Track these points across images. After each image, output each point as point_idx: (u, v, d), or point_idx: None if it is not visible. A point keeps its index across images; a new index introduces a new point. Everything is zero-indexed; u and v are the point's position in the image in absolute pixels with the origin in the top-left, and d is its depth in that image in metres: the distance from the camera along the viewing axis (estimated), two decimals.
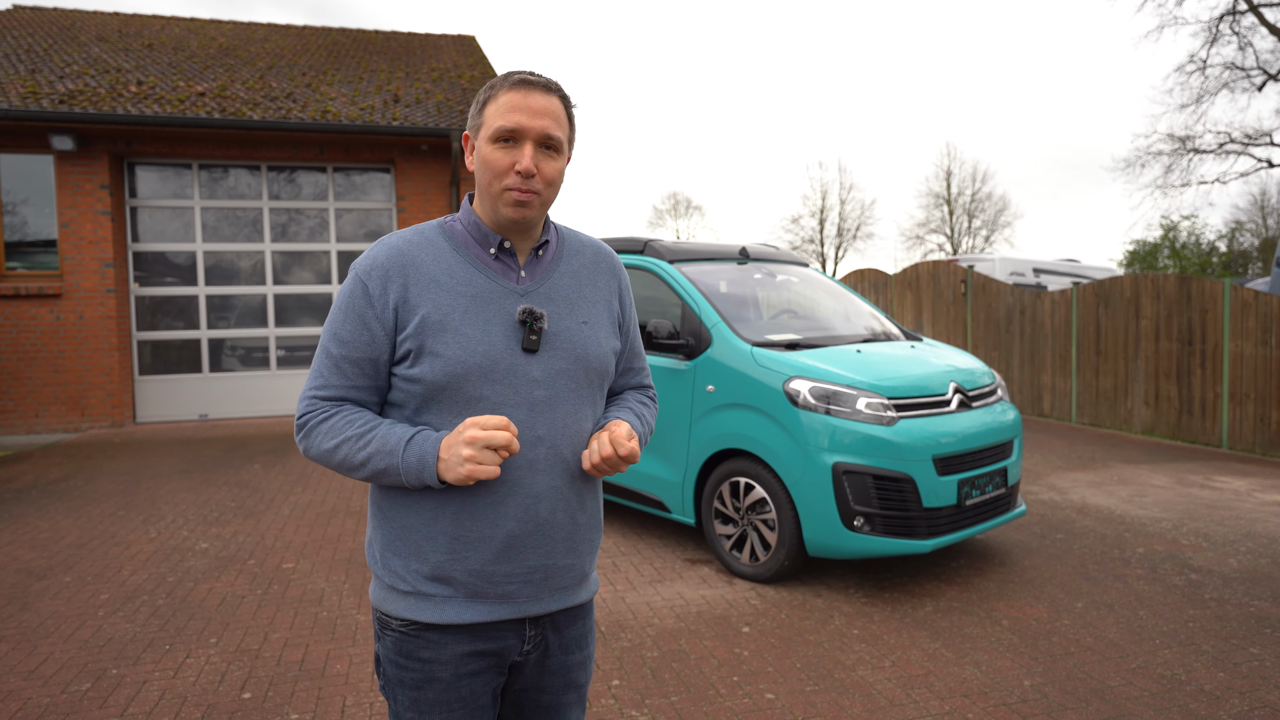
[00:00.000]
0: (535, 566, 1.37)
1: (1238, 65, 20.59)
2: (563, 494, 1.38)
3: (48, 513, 5.60)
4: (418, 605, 1.35)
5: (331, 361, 1.35)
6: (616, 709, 2.93)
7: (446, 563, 1.33)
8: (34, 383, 8.94)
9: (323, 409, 1.35)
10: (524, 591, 1.37)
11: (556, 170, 1.36)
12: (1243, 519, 5.46)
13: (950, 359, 4.72)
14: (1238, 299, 7.94)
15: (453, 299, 1.34)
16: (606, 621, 3.73)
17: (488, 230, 1.40)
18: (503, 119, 1.32)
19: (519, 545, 1.35)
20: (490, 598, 1.36)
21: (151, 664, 3.27)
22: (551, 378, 1.37)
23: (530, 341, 1.34)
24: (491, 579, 1.34)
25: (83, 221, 9.03)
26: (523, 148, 1.32)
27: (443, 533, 1.33)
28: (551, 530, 1.37)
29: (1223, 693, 3.06)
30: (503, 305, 1.36)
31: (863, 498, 3.90)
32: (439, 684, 1.35)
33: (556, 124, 1.34)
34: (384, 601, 1.38)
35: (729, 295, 4.95)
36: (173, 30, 12.92)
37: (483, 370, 1.32)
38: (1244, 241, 35.48)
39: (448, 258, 1.37)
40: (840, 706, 2.94)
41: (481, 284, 1.36)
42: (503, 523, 1.33)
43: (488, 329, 1.33)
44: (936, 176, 46.35)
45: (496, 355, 1.33)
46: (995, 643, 3.50)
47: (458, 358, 1.31)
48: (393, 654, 1.37)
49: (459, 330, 1.32)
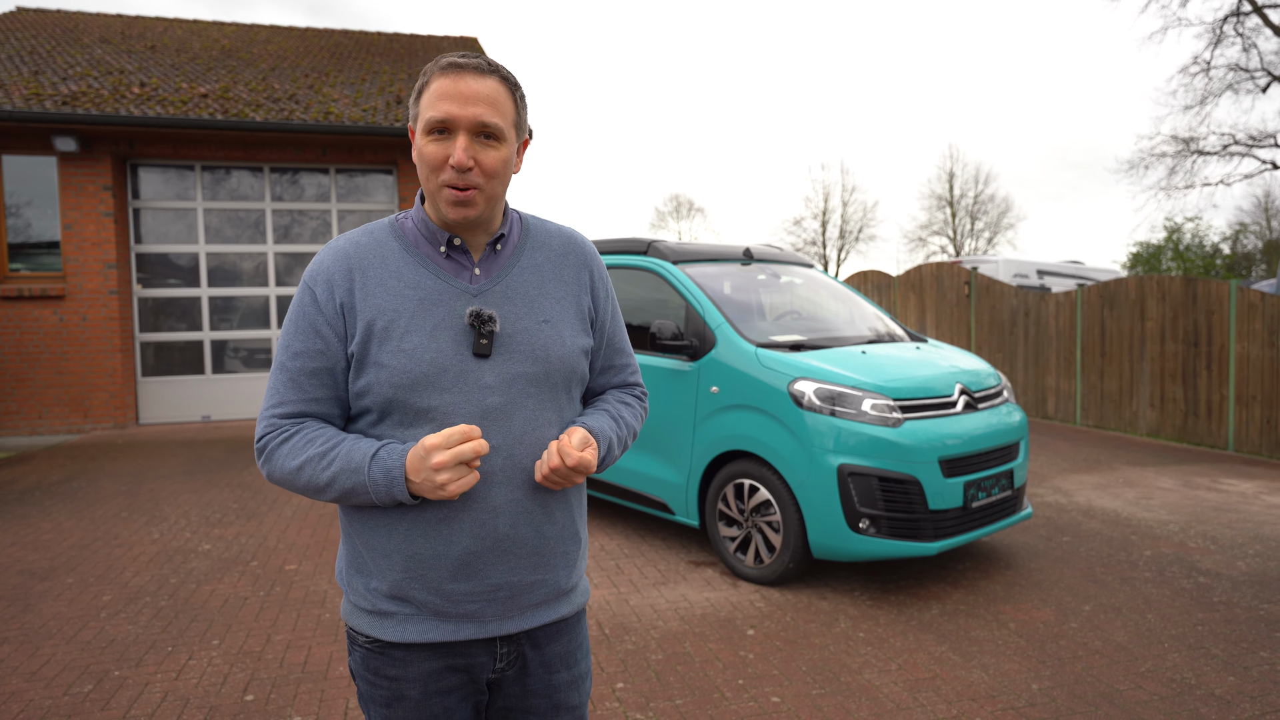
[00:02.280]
0: (498, 584, 1.29)
1: (1242, 67, 20.56)
2: (524, 506, 1.29)
3: (50, 514, 5.59)
4: (380, 623, 1.30)
5: (287, 376, 1.27)
6: (621, 712, 2.91)
7: (403, 581, 1.27)
8: (37, 384, 8.94)
9: (282, 428, 1.27)
10: (489, 610, 1.29)
11: (498, 160, 1.25)
12: (1250, 521, 5.43)
13: (956, 360, 4.70)
14: (1244, 301, 7.91)
15: (399, 303, 1.26)
16: (610, 624, 3.71)
17: (436, 228, 1.31)
18: (433, 109, 1.22)
19: (477, 563, 1.27)
20: (453, 617, 1.29)
21: (154, 666, 3.26)
22: (506, 383, 1.28)
23: (480, 345, 1.26)
24: (451, 598, 1.27)
25: (86, 223, 9.03)
26: (456, 139, 1.22)
27: (397, 550, 1.26)
28: (513, 546, 1.29)
29: (1233, 697, 3.03)
30: (452, 307, 1.28)
31: (868, 500, 3.88)
32: (408, 702, 1.30)
33: (493, 109, 1.23)
34: (350, 617, 1.34)
35: (733, 296, 4.93)
36: (175, 32, 12.93)
37: (429, 379, 1.24)
38: (1248, 243, 35.42)
39: (396, 259, 1.29)
40: (846, 710, 2.92)
41: (430, 285, 1.28)
42: (458, 539, 1.25)
43: (435, 334, 1.25)
44: (939, 178, 46.31)
45: (444, 362, 1.24)
46: (1002, 646, 3.48)
47: (403, 367, 1.23)
48: (362, 670, 1.33)
49: (404, 337, 1.24)
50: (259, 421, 1.29)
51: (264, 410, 1.29)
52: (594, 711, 2.92)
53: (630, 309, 5.13)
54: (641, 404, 1.55)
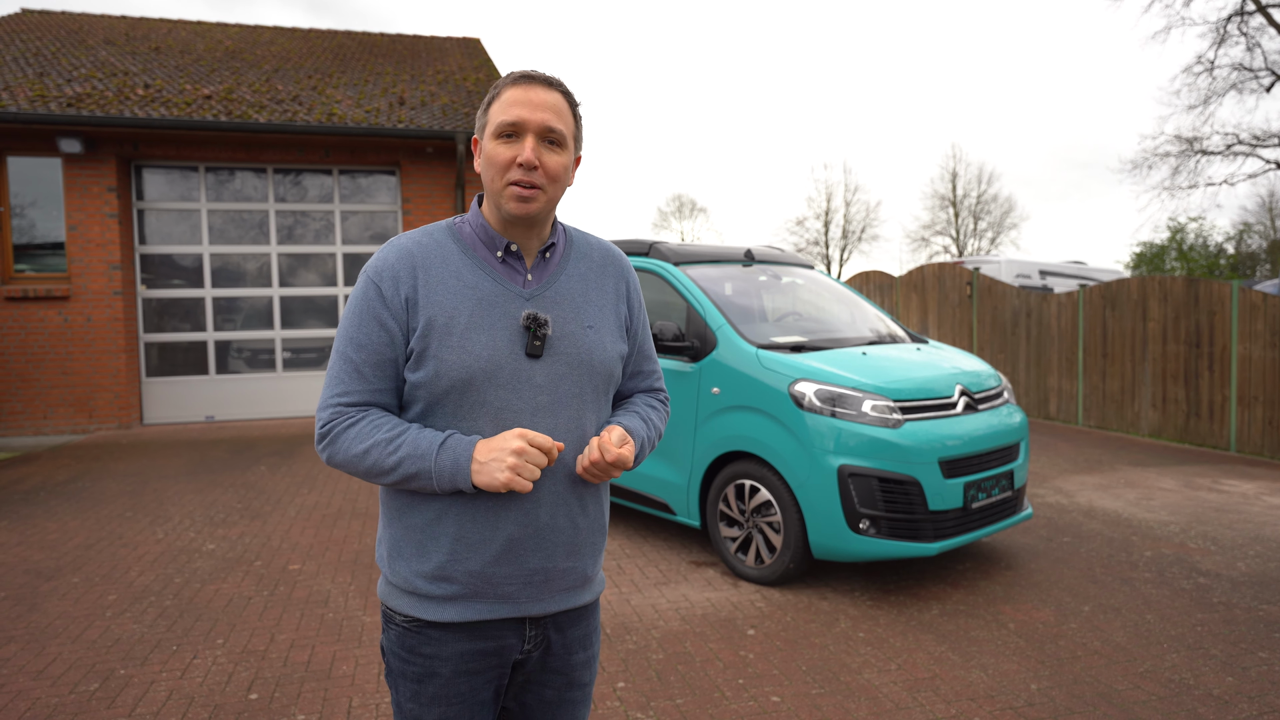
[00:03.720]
0: (535, 569, 1.38)
1: (1246, 66, 20.52)
2: (563, 498, 1.39)
3: (55, 514, 5.62)
4: (420, 604, 1.37)
5: (352, 367, 1.34)
6: (622, 711, 2.93)
7: (448, 563, 1.35)
8: (42, 384, 8.98)
9: (347, 415, 1.34)
10: (524, 593, 1.39)
11: (559, 164, 1.36)
12: (1251, 522, 5.44)
13: (956, 361, 4.71)
14: (1246, 301, 7.91)
15: (459, 302, 1.34)
16: (612, 624, 3.73)
17: (494, 233, 1.40)
18: (504, 113, 1.33)
19: (518, 548, 1.36)
20: (490, 598, 1.37)
21: (159, 664, 3.28)
22: (554, 383, 1.37)
23: (534, 347, 1.35)
24: (491, 580, 1.36)
25: (90, 224, 9.07)
26: (524, 141, 1.33)
27: (446, 534, 1.35)
28: (552, 534, 1.38)
29: (1231, 697, 3.04)
30: (508, 309, 1.36)
31: (868, 500, 3.89)
32: (439, 679, 1.37)
33: (558, 117, 1.35)
34: (389, 597, 1.42)
35: (734, 297, 4.95)
36: (179, 33, 12.97)
37: (487, 374, 1.33)
38: (1252, 243, 35.34)
39: (456, 260, 1.38)
40: (846, 710, 2.94)
41: (488, 287, 1.37)
42: (503, 526, 1.34)
43: (493, 333, 1.34)
44: (942, 178, 46.31)
45: (501, 360, 1.33)
46: (1002, 646, 3.49)
47: (462, 362, 1.32)
48: (396, 647, 1.40)
49: (464, 334, 1.32)
50: (321, 409, 1.36)
51: (327, 398, 1.35)
52: (595, 710, 2.94)
53: None
54: (665, 408, 1.66)
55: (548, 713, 1.49)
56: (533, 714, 1.49)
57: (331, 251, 10.20)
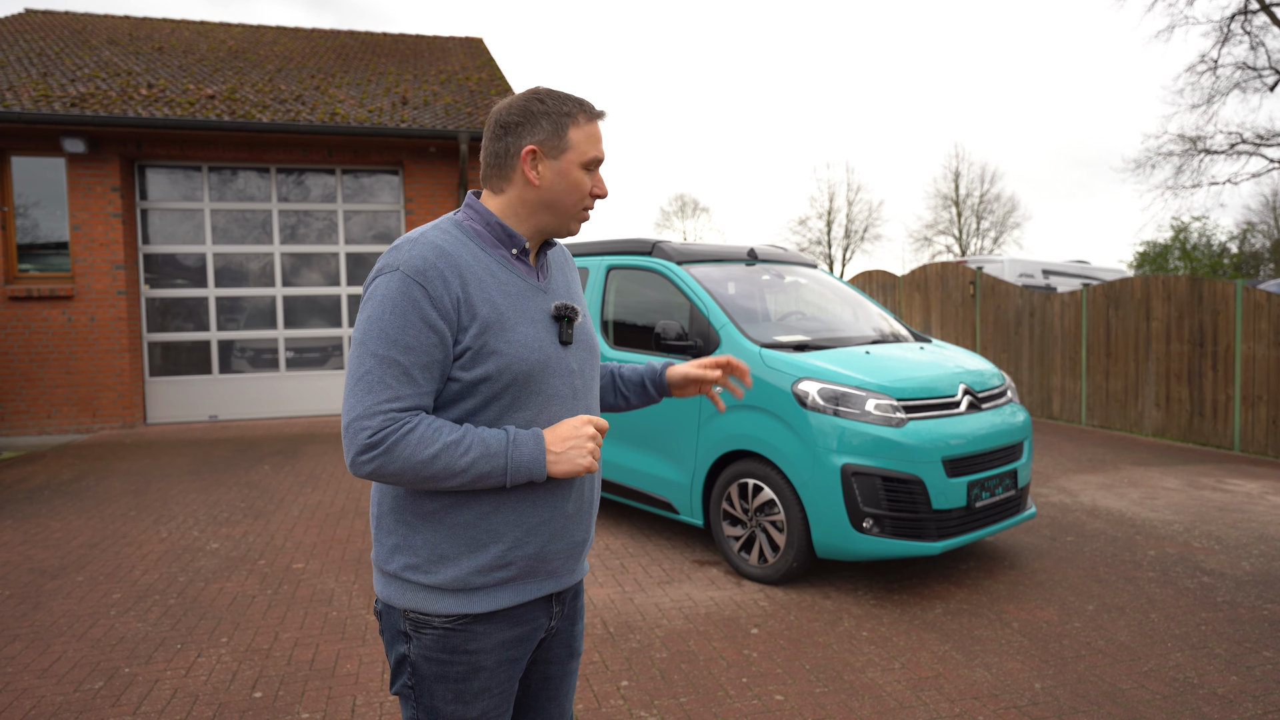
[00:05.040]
0: (577, 541, 1.49)
1: (1249, 65, 20.47)
2: (593, 475, 1.53)
3: (60, 513, 5.64)
4: (469, 599, 1.37)
5: (400, 370, 1.29)
6: (626, 709, 2.93)
7: (508, 551, 1.39)
8: (46, 384, 9.00)
9: (403, 421, 1.28)
10: (565, 566, 1.48)
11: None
12: (1255, 522, 5.43)
13: (960, 360, 4.71)
14: (1249, 301, 7.89)
15: (501, 298, 1.39)
16: (615, 622, 3.73)
17: (514, 232, 1.45)
18: (595, 150, 1.45)
19: (571, 524, 1.46)
20: (539, 575, 1.44)
21: (163, 663, 3.29)
22: (582, 367, 1.50)
23: (567, 334, 1.45)
24: (545, 558, 1.43)
25: (94, 224, 9.09)
26: (597, 174, 1.47)
27: (505, 522, 1.39)
28: (589, 507, 1.52)
29: (1236, 696, 3.04)
30: (536, 302, 1.45)
31: (872, 499, 3.89)
32: (484, 673, 1.39)
33: None
34: (425, 603, 1.36)
35: (737, 296, 4.95)
36: (183, 33, 13.00)
37: (541, 365, 1.40)
38: (1255, 243, 35.26)
39: (483, 259, 1.41)
40: (850, 708, 2.94)
41: (517, 284, 1.44)
42: (561, 505, 1.43)
43: (534, 327, 1.41)
44: (945, 177, 46.29)
45: (547, 350, 1.42)
46: (1005, 645, 3.49)
47: (519, 355, 1.37)
48: (434, 652, 1.36)
49: (514, 328, 1.38)
50: (367, 417, 1.27)
51: (373, 404, 1.27)
52: (599, 709, 2.94)
53: (635, 309, 5.15)
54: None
55: (548, 687, 1.55)
56: (537, 693, 1.54)
57: (334, 251, 10.22)
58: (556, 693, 1.56)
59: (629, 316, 5.18)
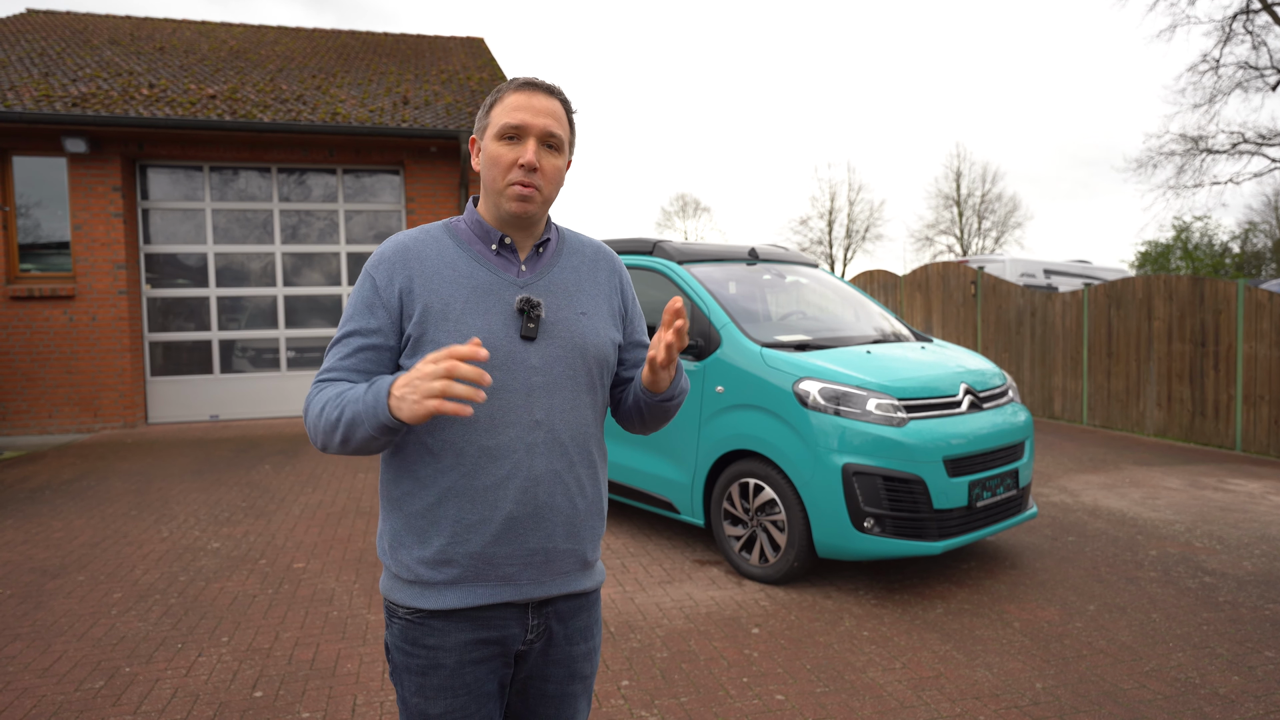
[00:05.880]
0: (535, 549, 1.40)
1: (1251, 64, 20.43)
2: (561, 478, 1.41)
3: (61, 512, 5.64)
4: (423, 593, 1.39)
5: (339, 349, 1.40)
6: (626, 709, 2.93)
7: (448, 546, 1.37)
8: (47, 384, 9.01)
9: (319, 387, 1.38)
10: (525, 574, 1.40)
11: (556, 168, 1.43)
12: (1257, 522, 5.42)
13: (961, 360, 4.71)
14: (1251, 300, 7.88)
15: (454, 290, 1.39)
16: (616, 622, 3.73)
17: (489, 227, 1.46)
18: (508, 116, 1.39)
19: (518, 528, 1.38)
20: (491, 580, 1.39)
21: (164, 662, 3.29)
22: (549, 365, 1.41)
23: (528, 329, 1.39)
24: (492, 561, 1.38)
25: (95, 223, 9.09)
26: (526, 144, 1.39)
27: (446, 517, 1.37)
28: (550, 514, 1.40)
29: (1237, 696, 3.03)
30: (503, 296, 1.41)
31: (873, 499, 3.89)
32: (443, 670, 1.38)
33: (558, 123, 1.42)
34: (391, 590, 1.43)
35: (738, 296, 4.95)
36: (184, 33, 13.00)
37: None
38: (1257, 242, 35.22)
39: (451, 253, 1.43)
40: (851, 708, 2.93)
41: (483, 277, 1.42)
42: (502, 505, 1.37)
43: (488, 318, 1.38)
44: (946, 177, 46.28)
45: (496, 342, 1.37)
46: (1006, 645, 3.48)
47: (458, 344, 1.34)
48: (399, 641, 1.42)
49: (460, 319, 1.37)
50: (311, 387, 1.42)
51: (314, 378, 1.43)
52: (599, 709, 2.94)
53: None
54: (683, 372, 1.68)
55: (550, 707, 1.50)
56: (535, 709, 1.50)
57: (336, 251, 10.22)
58: (557, 714, 1.51)
59: None
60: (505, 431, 1.37)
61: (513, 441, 1.37)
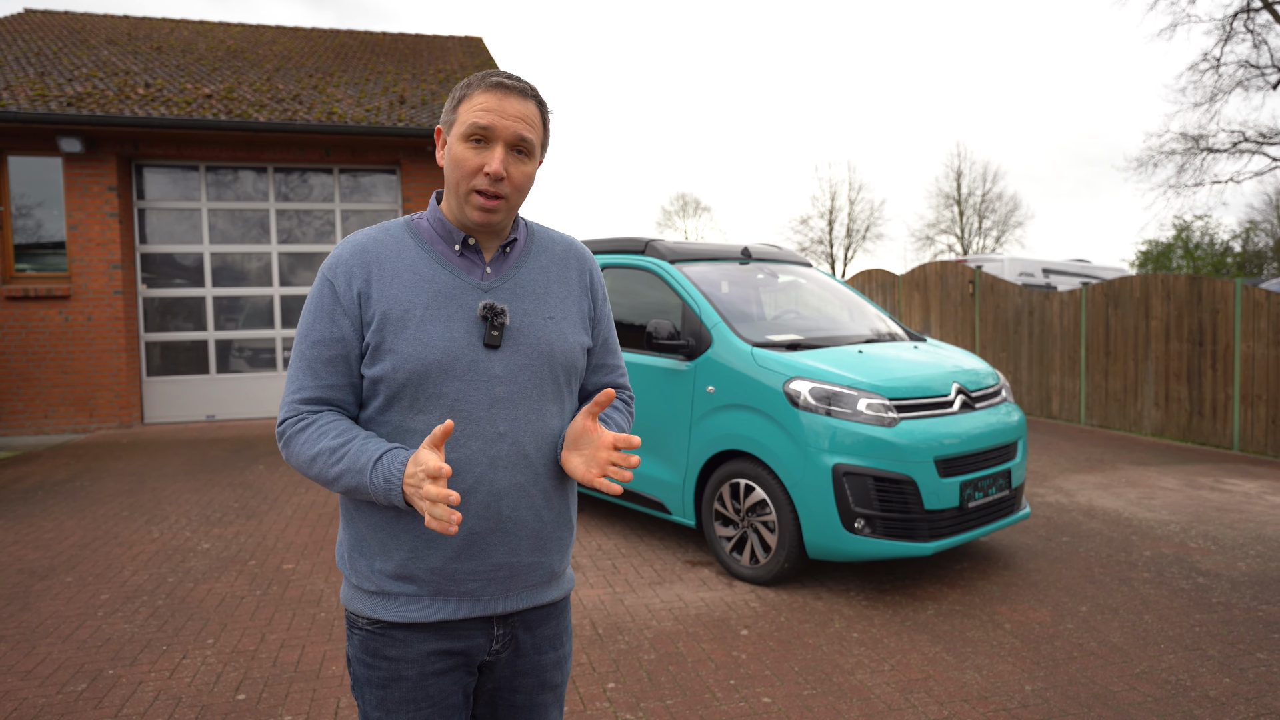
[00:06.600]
0: (499, 564, 1.36)
1: (1252, 63, 20.38)
2: (526, 491, 1.36)
3: (52, 513, 5.63)
4: (382, 604, 1.35)
5: (306, 364, 1.33)
6: (611, 712, 2.91)
7: (409, 561, 1.33)
8: (43, 384, 9.00)
9: (301, 415, 1.33)
10: (488, 589, 1.36)
11: (525, 175, 1.35)
12: (1253, 522, 5.39)
13: (954, 359, 4.68)
14: (1249, 299, 7.85)
15: (414, 295, 1.33)
16: (605, 624, 3.71)
17: (452, 227, 1.39)
18: (476, 116, 1.31)
19: (480, 543, 1.33)
20: (454, 595, 1.35)
21: (148, 664, 3.27)
22: (514, 373, 1.35)
23: (492, 337, 1.33)
24: (454, 577, 1.33)
25: (91, 223, 9.08)
26: (494, 149, 1.31)
27: (406, 530, 1.33)
28: (514, 528, 1.35)
29: (1228, 699, 3.01)
30: (465, 301, 1.35)
31: (863, 499, 3.86)
32: (405, 683, 1.34)
33: (530, 128, 1.34)
34: (351, 600, 1.39)
35: (730, 295, 4.92)
36: (182, 33, 12.99)
37: (443, 366, 1.31)
38: (1259, 241, 35.13)
39: (411, 254, 1.36)
40: (837, 711, 2.91)
41: (444, 280, 1.35)
42: (464, 520, 1.31)
43: (449, 325, 1.32)
44: (947, 176, 46.22)
45: (458, 351, 1.31)
46: (997, 647, 3.46)
47: (417, 354, 1.30)
48: (360, 652, 1.37)
49: (419, 326, 1.31)
50: (281, 408, 1.35)
51: (285, 397, 1.35)
52: (584, 711, 2.92)
53: (628, 308, 5.12)
54: (629, 408, 1.62)
55: (519, 718, 1.46)
56: (503, 718, 1.46)
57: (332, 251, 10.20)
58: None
59: (622, 315, 5.15)
60: (467, 445, 1.31)
61: (474, 455, 1.31)
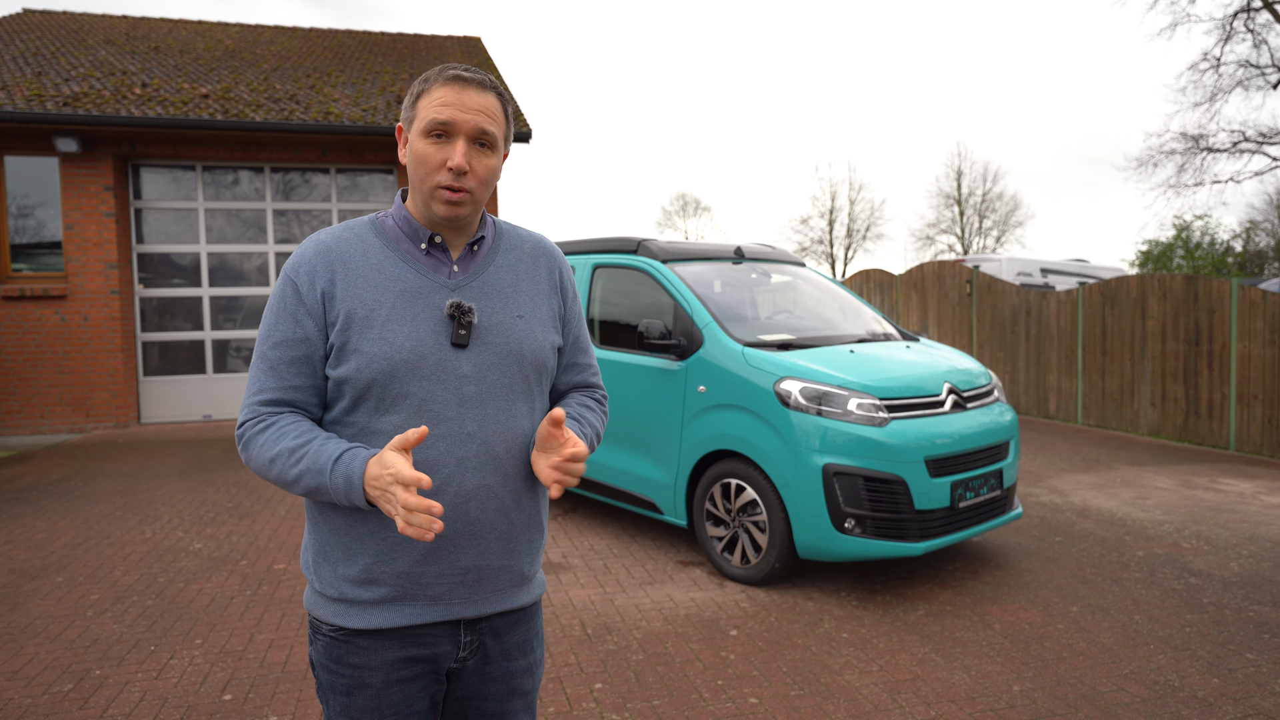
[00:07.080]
0: (467, 567, 1.33)
1: (1252, 63, 20.35)
2: (495, 492, 1.34)
3: (45, 513, 5.63)
4: (345, 612, 1.33)
5: (268, 365, 1.31)
6: (597, 712, 2.90)
7: (374, 565, 1.31)
8: (39, 384, 9.00)
9: (260, 417, 1.31)
10: (456, 593, 1.34)
11: (489, 168, 1.34)
12: (1246, 522, 5.38)
13: (946, 359, 4.67)
14: (1245, 299, 7.83)
15: (379, 294, 1.31)
16: (594, 624, 3.70)
17: (418, 225, 1.37)
18: (435, 112, 1.29)
19: (448, 545, 1.31)
20: (420, 599, 1.32)
21: (135, 665, 3.27)
22: (482, 373, 1.33)
23: (459, 336, 1.31)
24: (420, 580, 1.31)
25: (87, 223, 9.08)
26: (455, 144, 1.30)
27: (370, 534, 1.31)
28: (483, 530, 1.33)
29: (1216, 699, 3.00)
30: (432, 300, 1.33)
31: (854, 499, 3.86)
32: (369, 690, 1.32)
33: (491, 120, 1.32)
34: (314, 606, 1.37)
35: (723, 295, 4.91)
36: (180, 33, 12.99)
37: (410, 366, 1.29)
38: (1259, 241, 35.08)
39: (377, 253, 1.34)
40: (824, 711, 2.91)
41: (410, 279, 1.33)
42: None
43: (415, 324, 1.30)
44: (947, 176, 46.20)
45: (424, 350, 1.30)
46: (986, 647, 3.45)
47: (383, 354, 1.28)
48: (323, 659, 1.36)
49: (385, 326, 1.29)
50: (241, 410, 1.33)
51: (245, 399, 1.33)
52: (570, 712, 2.91)
53: (620, 308, 5.12)
54: (602, 407, 1.59)
55: None
56: None
57: None
58: None
59: (614, 315, 5.15)
60: (434, 445, 1.29)
61: (442, 455, 1.29)
